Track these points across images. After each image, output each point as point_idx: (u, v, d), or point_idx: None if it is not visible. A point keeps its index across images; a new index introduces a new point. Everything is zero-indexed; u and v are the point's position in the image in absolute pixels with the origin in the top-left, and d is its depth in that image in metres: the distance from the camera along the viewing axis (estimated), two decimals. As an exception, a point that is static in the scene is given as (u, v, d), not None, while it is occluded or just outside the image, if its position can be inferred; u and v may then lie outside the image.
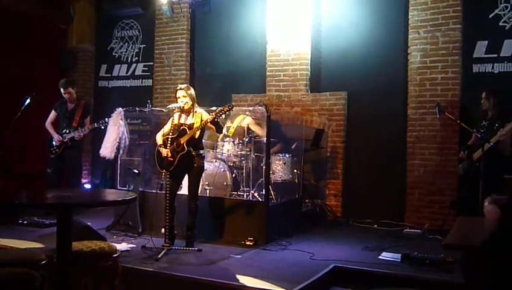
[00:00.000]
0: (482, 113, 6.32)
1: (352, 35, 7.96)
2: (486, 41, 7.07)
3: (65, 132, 7.61)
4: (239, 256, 5.51)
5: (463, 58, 7.17)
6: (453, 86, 7.13)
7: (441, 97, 7.13)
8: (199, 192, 5.98)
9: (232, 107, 5.71)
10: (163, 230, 5.65)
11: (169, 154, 5.51)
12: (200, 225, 5.88)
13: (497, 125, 5.91)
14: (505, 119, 5.85)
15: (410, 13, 7.44)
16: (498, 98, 6.16)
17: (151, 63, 9.65)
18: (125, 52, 10.02)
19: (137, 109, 7.33)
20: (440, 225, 6.61)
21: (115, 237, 6.22)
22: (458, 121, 5.94)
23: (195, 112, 5.71)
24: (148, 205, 6.41)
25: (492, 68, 7.04)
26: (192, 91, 5.75)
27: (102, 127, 7.39)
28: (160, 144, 5.70)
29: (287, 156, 7.18)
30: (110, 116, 7.17)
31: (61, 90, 7.71)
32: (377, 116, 7.79)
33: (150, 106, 7.54)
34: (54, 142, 7.66)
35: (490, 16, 7.07)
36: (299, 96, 8.23)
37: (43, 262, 3.66)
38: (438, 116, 6.22)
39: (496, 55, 7.01)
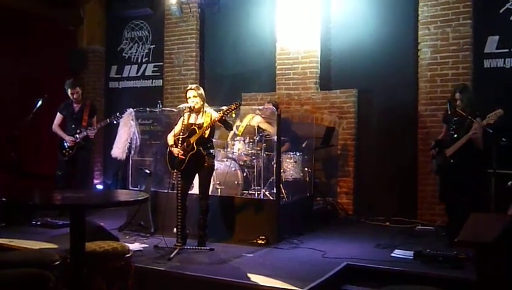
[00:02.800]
0: (452, 109, 6.04)
1: (361, 32, 7.94)
2: (497, 37, 7.02)
3: (77, 132, 7.63)
4: (251, 255, 5.51)
5: (474, 53, 7.13)
6: (464, 82, 7.08)
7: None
8: (210, 191, 6.00)
9: (240, 105, 5.71)
10: (175, 230, 5.67)
11: (180, 156, 5.53)
12: (212, 224, 5.89)
13: (467, 121, 5.83)
14: (472, 114, 5.79)
15: (420, 9, 7.41)
16: (469, 92, 6.11)
17: (161, 64, 9.69)
18: (135, 52, 10.06)
19: (147, 109, 7.36)
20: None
21: (127, 237, 6.25)
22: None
23: (205, 111, 5.73)
24: (160, 204, 6.44)
25: (504, 63, 7.00)
26: (202, 91, 5.78)
27: (115, 122, 7.40)
28: (172, 144, 5.73)
29: (298, 154, 7.18)
30: (122, 112, 7.22)
31: (69, 90, 7.68)
32: (388, 113, 7.77)
33: (161, 106, 7.55)
34: (65, 144, 7.66)
35: (501, 11, 7.02)
36: (309, 94, 8.22)
37: (57, 263, 3.69)
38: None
39: (507, 50, 6.96)
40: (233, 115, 5.83)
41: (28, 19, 8.83)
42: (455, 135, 5.91)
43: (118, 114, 7.36)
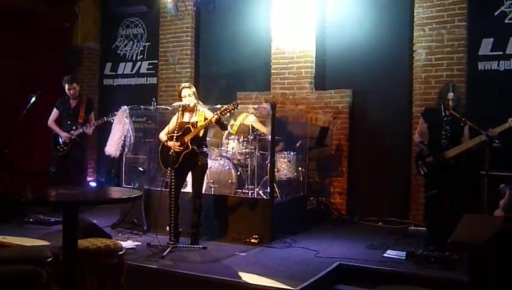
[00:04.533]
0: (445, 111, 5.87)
1: (357, 33, 7.95)
2: (492, 39, 7.05)
3: (73, 129, 7.59)
4: (244, 254, 5.52)
5: (468, 55, 7.15)
6: (459, 84, 7.04)
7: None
8: (204, 190, 5.99)
9: (237, 106, 5.69)
10: (168, 228, 5.67)
11: (176, 149, 5.50)
12: (205, 222, 5.90)
13: (463, 121, 5.77)
14: (464, 116, 5.77)
15: (415, 10, 7.42)
16: (458, 91, 6.03)
17: (156, 61, 9.67)
18: (130, 50, 10.04)
19: (142, 107, 7.34)
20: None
21: (120, 234, 6.25)
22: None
23: (198, 110, 5.72)
24: (153, 202, 6.44)
25: (498, 66, 7.02)
26: (194, 89, 5.78)
27: (112, 121, 7.36)
28: (166, 140, 5.69)
29: (292, 154, 7.18)
30: (116, 110, 7.20)
31: (66, 86, 7.62)
32: (382, 114, 7.78)
33: (155, 104, 7.52)
34: (60, 140, 7.62)
35: (496, 13, 7.04)
36: (304, 94, 8.23)
37: (49, 260, 3.69)
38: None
39: (501, 53, 6.99)
40: (228, 114, 5.82)
41: (23, 16, 8.77)
42: (450, 137, 5.83)
43: (115, 113, 7.31)
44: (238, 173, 6.98)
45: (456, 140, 5.83)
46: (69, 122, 7.63)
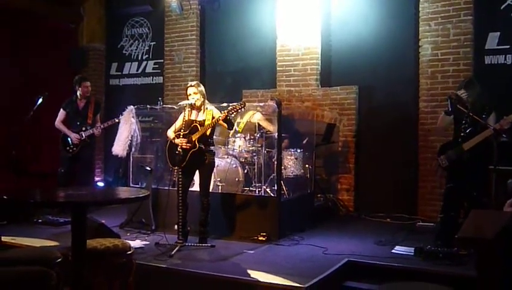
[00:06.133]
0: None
1: (362, 29, 7.93)
2: (498, 33, 7.01)
3: (83, 130, 7.60)
4: (252, 252, 5.52)
5: (475, 50, 7.12)
6: (465, 79, 7.06)
7: (452, 90, 7.03)
8: (211, 188, 6.00)
9: (245, 105, 5.68)
10: (176, 227, 5.68)
11: (183, 146, 5.51)
12: (213, 221, 5.90)
13: (485, 115, 5.71)
14: (489, 107, 5.69)
15: (420, 5, 7.40)
16: (477, 86, 5.91)
17: (162, 61, 9.68)
18: (136, 50, 10.06)
19: (148, 106, 7.35)
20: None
21: (128, 234, 6.26)
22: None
23: (206, 108, 5.72)
24: (160, 202, 6.45)
25: (505, 59, 6.98)
26: (202, 88, 5.78)
27: (119, 122, 7.37)
28: (174, 137, 5.70)
29: (299, 151, 7.18)
30: (122, 110, 7.20)
31: (82, 83, 7.62)
32: (389, 110, 7.77)
33: (161, 103, 7.54)
34: (69, 141, 7.63)
35: (502, 7, 7.01)
36: (310, 91, 8.22)
37: (58, 260, 3.70)
38: (449, 109, 6.16)
39: (508, 47, 6.95)
40: (235, 114, 5.83)
41: (28, 17, 8.81)
42: (468, 129, 5.74)
43: (122, 112, 7.31)
44: (245, 171, 6.99)
45: (478, 133, 5.71)
46: (78, 123, 7.63)
